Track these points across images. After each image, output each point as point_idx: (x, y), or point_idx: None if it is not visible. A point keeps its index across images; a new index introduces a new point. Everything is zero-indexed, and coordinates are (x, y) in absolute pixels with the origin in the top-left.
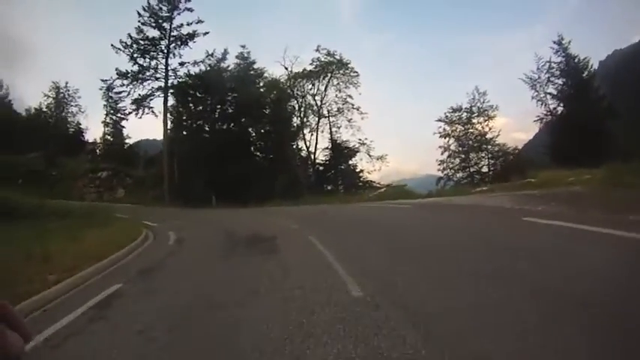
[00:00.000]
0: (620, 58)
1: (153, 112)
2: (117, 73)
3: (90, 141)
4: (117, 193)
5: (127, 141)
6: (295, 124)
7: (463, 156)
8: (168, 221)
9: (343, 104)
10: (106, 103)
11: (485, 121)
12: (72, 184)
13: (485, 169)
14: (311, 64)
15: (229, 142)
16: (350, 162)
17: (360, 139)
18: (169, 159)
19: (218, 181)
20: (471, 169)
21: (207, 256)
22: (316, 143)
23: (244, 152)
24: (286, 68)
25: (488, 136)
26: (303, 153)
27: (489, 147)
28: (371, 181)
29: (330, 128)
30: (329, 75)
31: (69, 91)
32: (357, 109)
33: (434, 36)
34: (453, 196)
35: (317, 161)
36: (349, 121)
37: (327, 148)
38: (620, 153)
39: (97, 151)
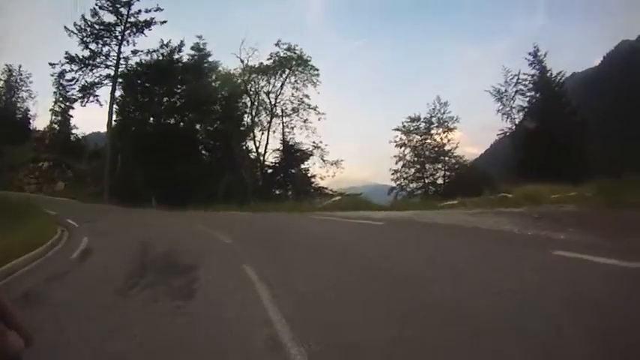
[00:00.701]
0: (580, 80)
1: (98, 100)
2: (66, 57)
3: (38, 129)
4: (56, 185)
5: (74, 132)
6: (246, 123)
7: (418, 166)
8: (94, 222)
9: (299, 104)
10: (56, 90)
11: (445, 132)
12: (12, 174)
13: (440, 181)
14: (269, 58)
15: (174, 137)
16: (302, 166)
17: (314, 142)
18: (112, 153)
19: (161, 179)
20: (426, 180)
21: (96, 292)
22: (267, 144)
23: (190, 150)
24: (242, 61)
25: (447, 147)
26: (252, 154)
27: (447, 159)
28: (323, 187)
29: (283, 129)
30: (287, 71)
31: (21, 75)
32: (315, 109)
33: (397, 45)
34: (422, 211)
35: (266, 163)
36: (305, 121)
37: (278, 149)
38: (596, 169)
39: (45, 140)
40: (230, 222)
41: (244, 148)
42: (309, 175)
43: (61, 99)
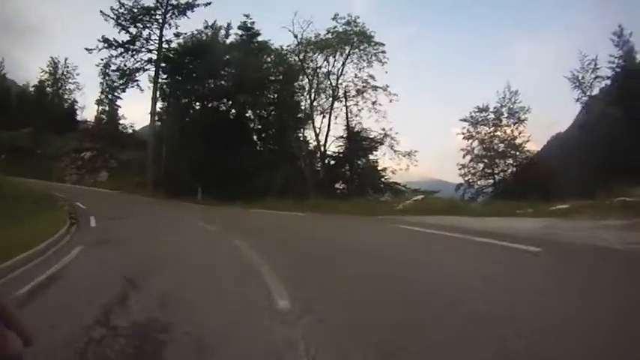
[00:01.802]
0: None
1: (139, 86)
2: (102, 41)
3: (85, 120)
4: (99, 176)
5: (122, 122)
6: (304, 108)
7: (487, 161)
8: (115, 221)
9: (364, 86)
10: (102, 80)
11: (515, 124)
12: (55, 163)
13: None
14: (327, 34)
15: (224, 124)
16: (370, 157)
17: (383, 129)
18: (157, 142)
19: (208, 170)
20: (496, 177)
21: None
22: (328, 131)
23: (241, 138)
24: (295, 36)
25: (518, 141)
26: (312, 143)
27: (517, 153)
28: (395, 183)
29: (347, 114)
30: (347, 49)
31: (68, 67)
32: (385, 89)
33: (456, 32)
34: (546, 219)
35: (327, 153)
36: (373, 103)
37: (341, 137)
38: None
39: (91, 130)
40: (289, 234)
41: (302, 136)
42: (378, 167)
43: (107, 89)
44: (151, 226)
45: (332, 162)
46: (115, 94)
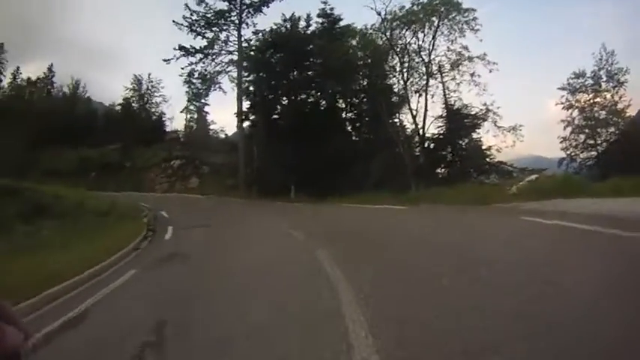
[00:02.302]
0: None
1: (221, 88)
2: (179, 49)
3: (175, 130)
4: (189, 182)
5: (213, 127)
6: (397, 90)
7: (588, 131)
8: (200, 228)
9: (459, 58)
10: (188, 89)
11: (615, 87)
12: (144, 174)
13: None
14: (411, 6)
15: (313, 116)
16: (471, 135)
17: (484, 104)
18: (247, 142)
19: (300, 166)
20: (599, 149)
21: None
22: (425, 112)
23: (333, 129)
24: (379, 13)
25: (619, 106)
26: (409, 126)
27: (620, 121)
28: (501, 162)
29: (444, 90)
30: (436, 21)
31: (152, 82)
32: (482, 58)
33: (537, 4)
34: None
35: (426, 136)
36: (472, 75)
37: (440, 116)
38: None
39: (181, 139)
40: (388, 239)
41: (398, 120)
42: (482, 146)
43: (193, 97)
44: (228, 235)
45: (432, 145)
46: (203, 100)
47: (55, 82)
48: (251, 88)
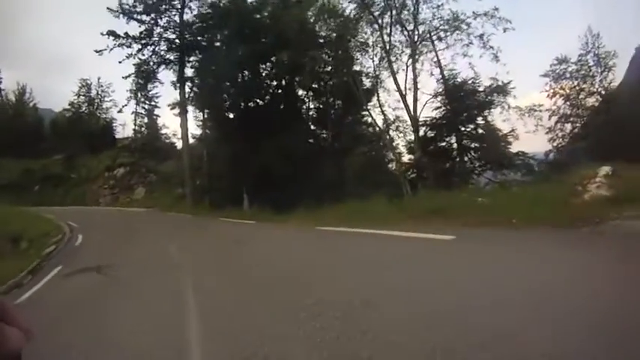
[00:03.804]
0: None
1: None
2: (108, 34)
3: (126, 137)
4: (135, 193)
5: (165, 132)
6: (373, 68)
7: (574, 119)
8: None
9: (454, 21)
10: (134, 89)
11: (603, 72)
12: (88, 186)
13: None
14: None
15: (272, 111)
16: (478, 119)
17: (495, 77)
18: (200, 146)
19: (256, 170)
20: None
21: None
22: (415, 91)
23: (293, 124)
24: None
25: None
26: (391, 112)
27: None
28: (522, 152)
29: (439, 62)
30: None
31: (102, 86)
32: (491, 16)
33: None
34: None
35: (421, 121)
36: (480, 37)
37: (437, 94)
38: None
39: (131, 146)
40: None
41: (378, 104)
42: (498, 132)
43: (141, 98)
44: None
45: (429, 133)
46: (152, 103)
47: (4, 89)
48: (196, 80)
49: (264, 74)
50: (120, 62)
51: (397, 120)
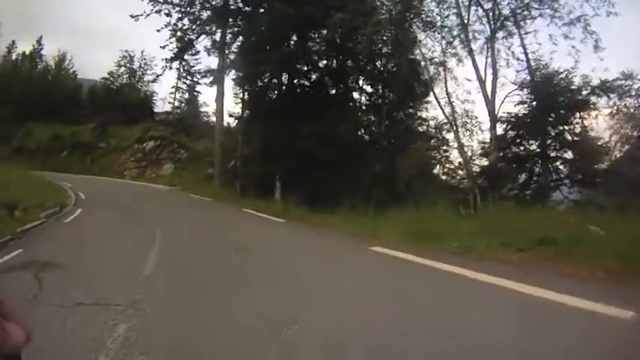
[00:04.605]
0: None
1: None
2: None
3: (167, 111)
4: (162, 169)
5: (203, 110)
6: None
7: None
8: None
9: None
10: (179, 65)
11: None
12: (116, 157)
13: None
14: None
15: (313, 94)
16: (572, 119)
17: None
18: (235, 126)
19: (291, 159)
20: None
21: None
22: (495, 80)
23: (339, 110)
24: None
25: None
26: (462, 103)
27: None
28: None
29: (523, 43)
30: None
31: (145, 59)
32: None
33: None
34: None
35: (499, 116)
36: (568, 15)
37: (523, 85)
38: None
39: (169, 119)
40: None
41: (445, 91)
42: (594, 140)
43: (184, 75)
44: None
45: (510, 131)
46: (194, 79)
47: (45, 55)
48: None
49: (313, 49)
50: (158, 31)
51: (466, 115)
